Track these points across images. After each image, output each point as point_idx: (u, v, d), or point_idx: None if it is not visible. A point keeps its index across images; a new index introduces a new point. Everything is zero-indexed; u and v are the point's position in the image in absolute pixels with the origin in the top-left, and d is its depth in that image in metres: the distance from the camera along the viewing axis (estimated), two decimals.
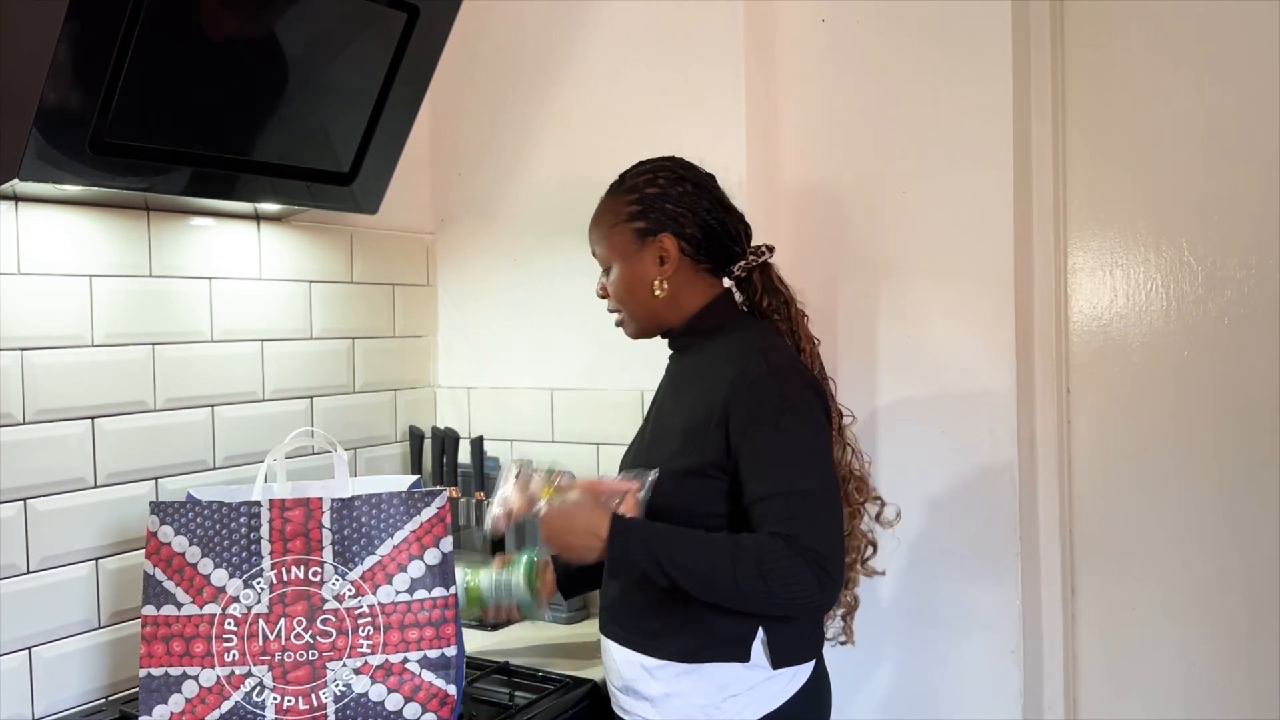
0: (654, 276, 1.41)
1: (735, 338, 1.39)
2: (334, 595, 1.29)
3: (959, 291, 1.81)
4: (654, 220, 1.40)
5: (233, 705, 1.27)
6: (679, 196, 1.41)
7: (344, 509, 1.31)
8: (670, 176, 1.42)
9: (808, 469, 1.28)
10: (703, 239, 1.41)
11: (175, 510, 1.31)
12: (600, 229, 1.46)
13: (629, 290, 1.43)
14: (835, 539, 1.27)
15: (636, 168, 1.47)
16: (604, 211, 1.46)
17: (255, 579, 1.29)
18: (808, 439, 1.30)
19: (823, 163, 1.93)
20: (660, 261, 1.41)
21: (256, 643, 1.28)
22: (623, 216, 1.42)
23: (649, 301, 1.42)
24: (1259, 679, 1.71)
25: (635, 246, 1.41)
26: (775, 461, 1.28)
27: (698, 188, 1.42)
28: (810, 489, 1.27)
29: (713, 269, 1.44)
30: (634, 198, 1.42)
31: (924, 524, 1.85)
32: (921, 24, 1.82)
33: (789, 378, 1.33)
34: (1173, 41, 1.75)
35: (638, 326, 1.47)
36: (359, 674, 1.29)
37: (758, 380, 1.30)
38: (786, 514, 1.25)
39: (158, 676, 1.28)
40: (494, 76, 2.13)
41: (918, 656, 1.87)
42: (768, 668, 1.32)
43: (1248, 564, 1.72)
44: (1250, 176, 1.69)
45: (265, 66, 1.46)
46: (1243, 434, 1.72)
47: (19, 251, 1.46)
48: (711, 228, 1.42)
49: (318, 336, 1.94)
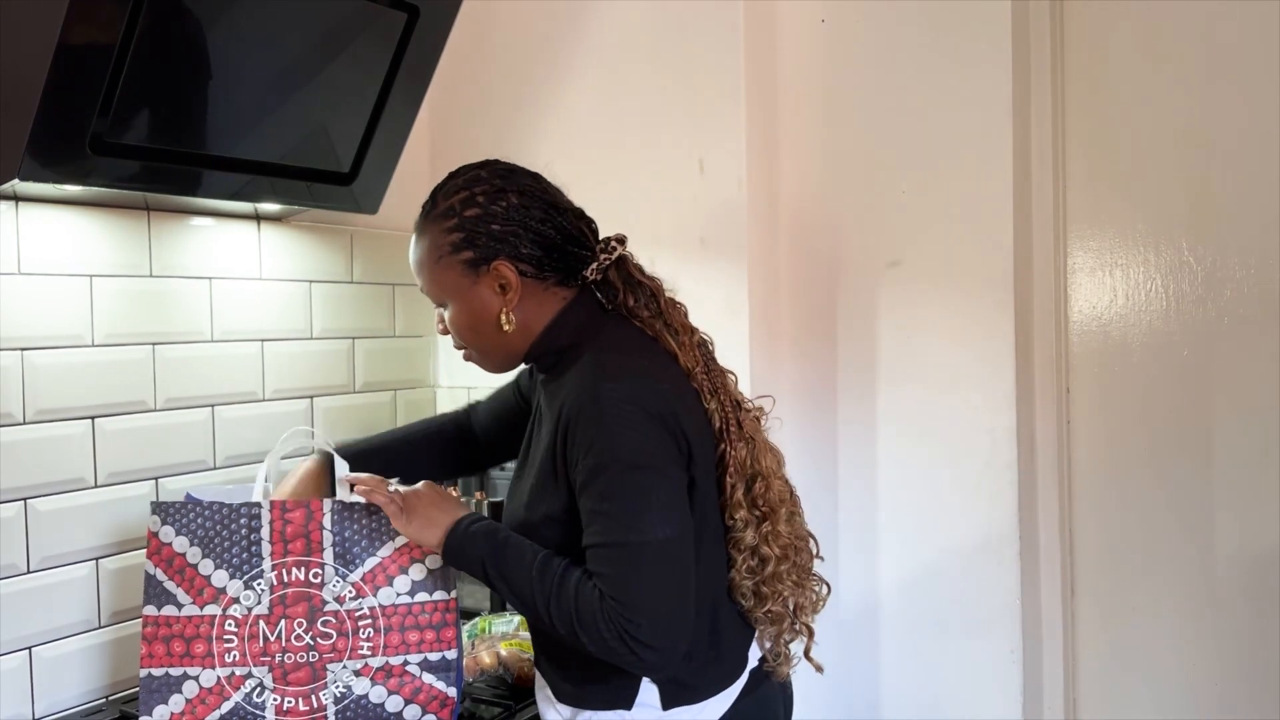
0: (497, 309, 1.23)
1: (581, 361, 1.21)
2: (334, 597, 1.29)
3: (959, 291, 1.81)
4: (482, 247, 1.21)
5: (233, 706, 1.27)
6: (505, 213, 1.21)
7: (345, 511, 1.31)
8: (489, 191, 1.22)
9: (634, 519, 1.12)
10: (543, 255, 1.23)
11: (176, 510, 1.31)
12: (424, 263, 1.26)
13: (473, 329, 1.26)
14: (656, 599, 1.11)
15: (449, 183, 1.26)
16: (424, 247, 1.25)
17: (256, 580, 1.29)
18: (640, 483, 1.13)
19: (822, 163, 1.93)
20: (501, 290, 1.22)
21: (257, 644, 1.28)
22: (445, 249, 1.22)
23: (498, 337, 1.25)
24: (1259, 679, 1.71)
25: (468, 280, 1.23)
26: (600, 511, 1.14)
27: (523, 196, 1.23)
28: (634, 541, 1.11)
29: (562, 279, 1.26)
30: (453, 224, 1.22)
31: (924, 523, 1.85)
32: (921, 24, 1.82)
33: (621, 411, 1.14)
34: (1173, 42, 1.75)
35: (494, 363, 1.30)
36: (359, 675, 1.29)
37: (583, 419, 1.15)
38: (604, 568, 1.12)
39: (158, 677, 1.28)
40: (494, 76, 2.13)
41: (918, 656, 1.87)
42: (656, 708, 1.21)
43: (1248, 564, 1.72)
44: (1250, 176, 1.69)
45: (265, 66, 1.46)
46: (1243, 434, 1.72)
47: (19, 251, 1.46)
48: (549, 239, 1.23)
49: (318, 336, 1.94)
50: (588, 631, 1.12)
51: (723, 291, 1.87)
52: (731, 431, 1.24)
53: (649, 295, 1.28)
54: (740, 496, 1.24)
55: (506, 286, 1.22)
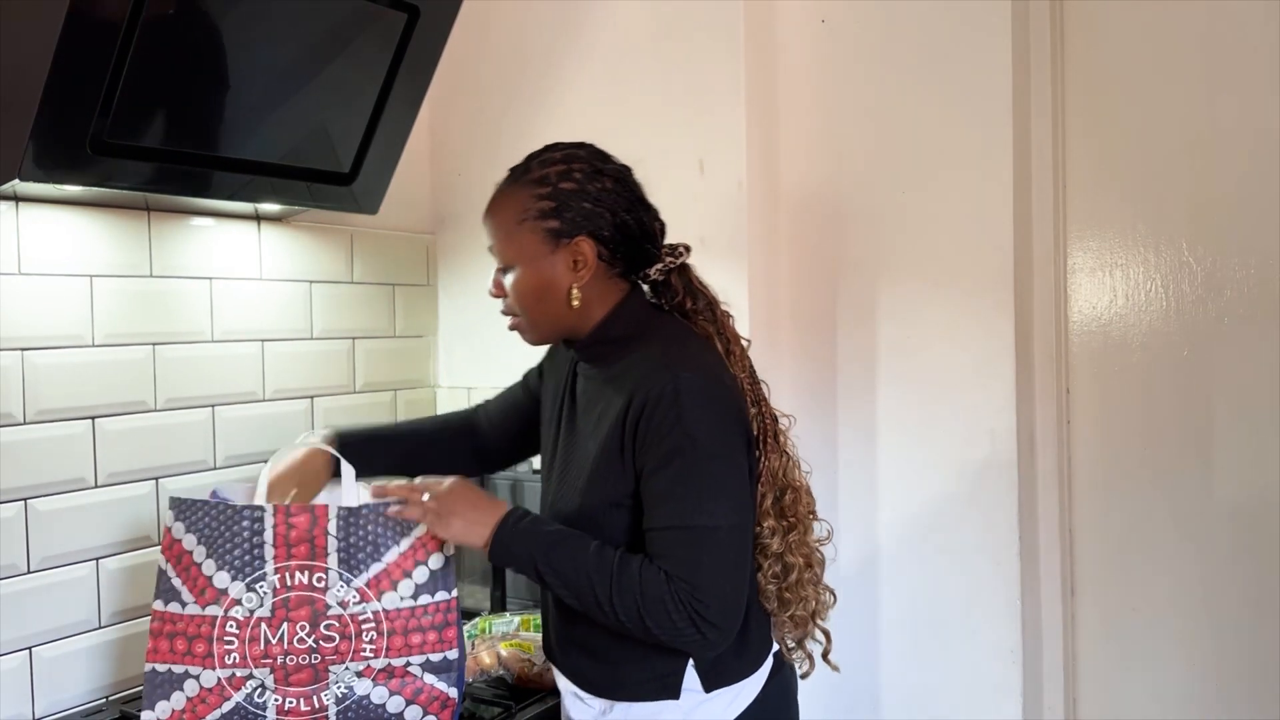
0: (568, 284, 1.25)
1: (647, 352, 1.24)
2: (338, 601, 1.28)
3: (959, 292, 1.81)
4: (569, 221, 1.23)
5: (234, 705, 1.27)
6: (597, 194, 1.24)
7: (351, 518, 1.30)
8: (587, 170, 1.25)
9: (707, 504, 1.16)
10: (621, 242, 1.26)
11: (189, 508, 1.32)
12: (503, 223, 1.27)
13: (536, 297, 1.27)
14: (723, 581, 1.16)
15: (546, 154, 1.28)
16: (508, 203, 1.27)
17: (258, 583, 1.29)
18: (714, 470, 1.18)
19: (822, 163, 1.93)
20: (575, 267, 1.25)
21: (258, 646, 1.28)
22: (532, 213, 1.24)
23: (559, 310, 1.27)
24: (1259, 679, 1.71)
25: (546, 249, 1.24)
26: (673, 495, 1.17)
27: (617, 183, 1.26)
28: (705, 525, 1.16)
29: (624, 271, 1.29)
30: (545, 191, 1.24)
31: (924, 524, 1.85)
32: (921, 24, 1.82)
33: (699, 401, 1.18)
34: (1173, 42, 1.75)
35: (539, 335, 1.32)
36: (361, 677, 1.29)
37: (662, 405, 1.17)
38: (674, 550, 1.16)
39: (162, 672, 1.28)
40: (494, 76, 2.13)
41: (918, 656, 1.87)
42: (700, 691, 1.25)
43: (1248, 564, 1.72)
44: (1250, 177, 1.69)
45: (265, 67, 1.46)
46: (1243, 434, 1.72)
47: (19, 251, 1.46)
48: (630, 229, 1.26)
49: (318, 336, 1.94)
50: (653, 614, 1.15)
51: (723, 291, 1.85)
52: (769, 442, 1.29)
53: (706, 303, 1.33)
54: (769, 506, 1.28)
55: (581, 263, 1.25)
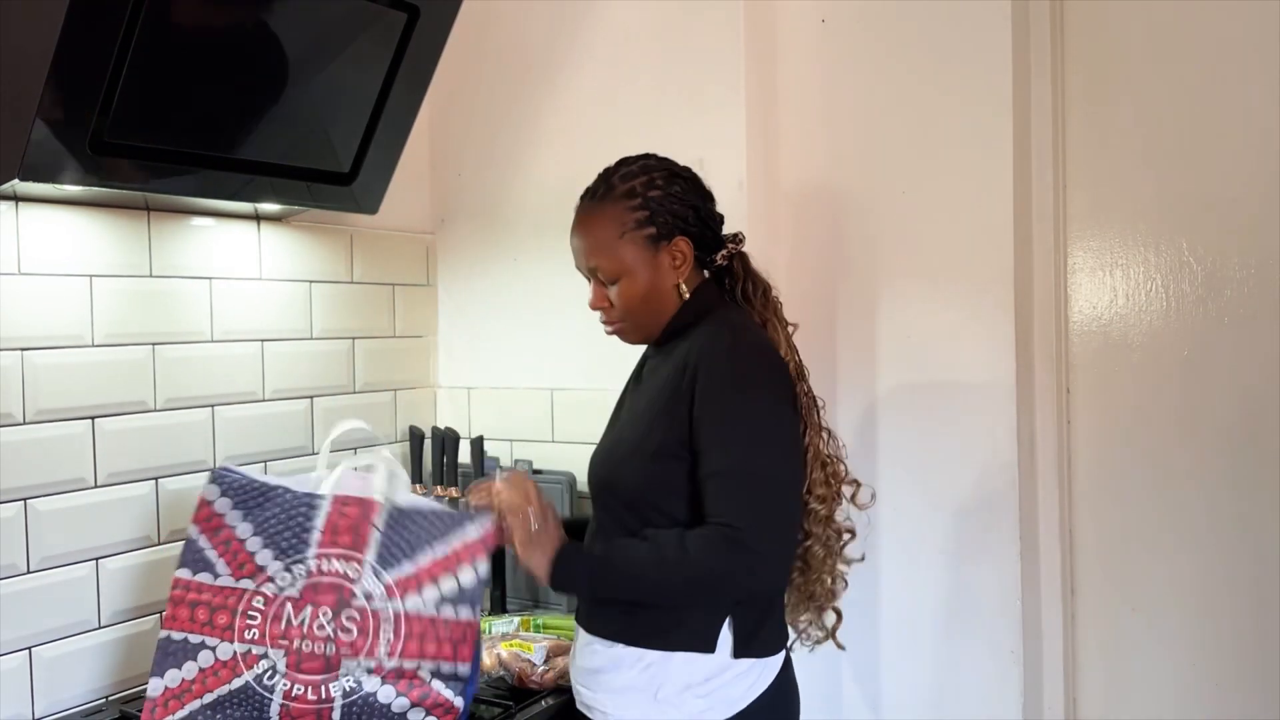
0: (674, 280, 1.37)
1: (706, 325, 1.35)
2: (365, 594, 1.28)
3: (959, 291, 1.81)
4: (664, 224, 1.35)
5: (243, 684, 1.27)
6: (680, 195, 1.37)
7: (400, 515, 1.31)
8: (665, 175, 1.38)
9: (755, 450, 1.25)
10: (704, 234, 1.39)
11: (237, 485, 1.32)
12: (603, 240, 1.37)
13: (645, 300, 1.37)
14: (770, 521, 1.24)
15: (623, 169, 1.39)
16: (603, 220, 1.37)
17: (296, 564, 1.29)
18: (763, 419, 1.27)
19: (823, 163, 1.93)
20: (676, 263, 1.37)
21: (279, 625, 1.27)
22: (630, 224, 1.35)
23: (668, 306, 1.38)
24: (1259, 679, 1.71)
25: (650, 254, 1.36)
26: (724, 439, 1.25)
27: (689, 183, 1.39)
28: (753, 471, 1.24)
29: (704, 259, 1.41)
30: (636, 203, 1.35)
31: (924, 524, 1.85)
32: (921, 24, 1.82)
33: (752, 356, 1.31)
34: (1172, 41, 1.75)
35: (645, 333, 1.42)
36: (371, 674, 1.29)
37: (719, 355, 1.29)
38: (725, 494, 1.23)
39: (177, 641, 1.28)
40: (494, 76, 2.13)
41: (918, 656, 1.87)
42: (728, 657, 1.30)
43: (1248, 564, 1.72)
44: (1250, 176, 1.69)
45: (265, 67, 1.46)
46: (1243, 434, 1.72)
47: (19, 251, 1.46)
48: (708, 222, 1.40)
49: (318, 336, 1.94)
50: (714, 562, 1.22)
51: None
52: (816, 419, 1.40)
53: (762, 289, 1.43)
54: (816, 477, 1.38)
55: (680, 259, 1.36)
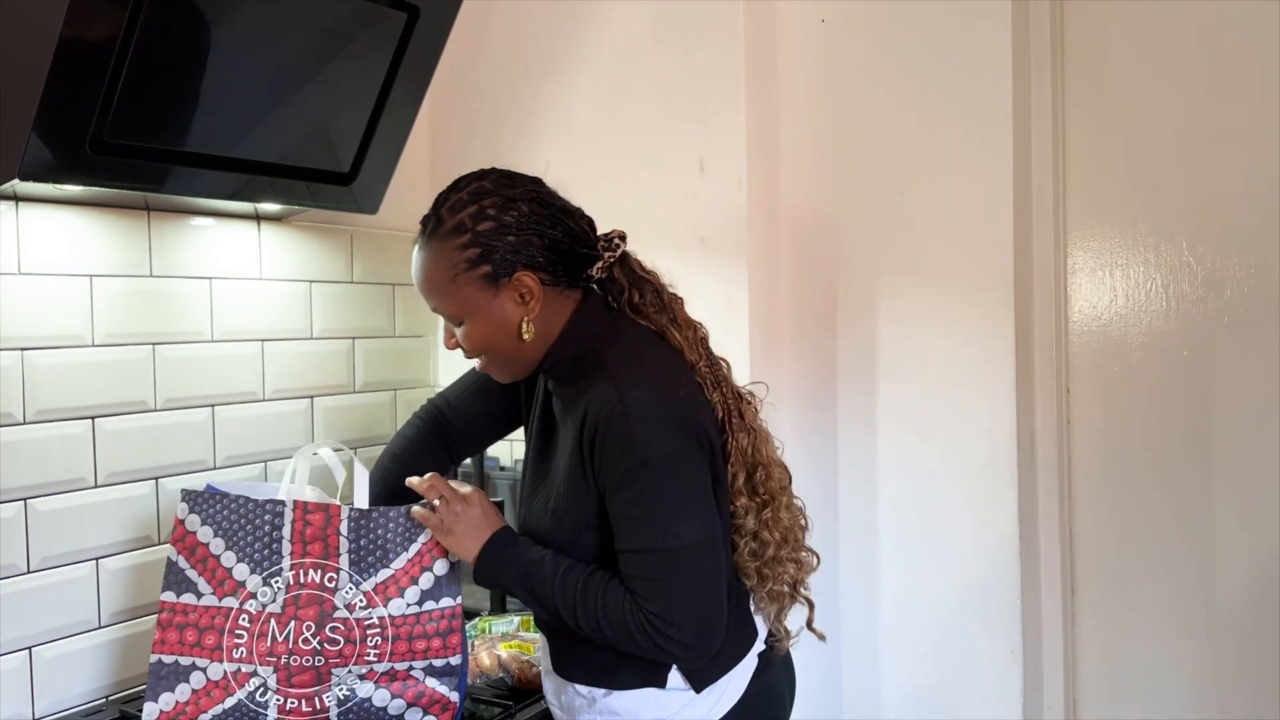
0: (518, 319, 1.22)
1: (600, 368, 1.21)
2: (345, 604, 1.29)
3: (959, 291, 1.81)
4: (500, 261, 1.20)
5: (236, 702, 1.27)
6: (517, 223, 1.20)
7: (362, 519, 1.31)
8: (498, 202, 1.21)
9: (669, 524, 1.15)
10: (556, 260, 1.22)
11: (204, 500, 1.32)
12: (436, 284, 1.23)
13: (491, 341, 1.25)
14: (694, 600, 1.16)
15: (452, 198, 1.23)
16: (434, 262, 1.22)
17: (274, 578, 1.29)
18: (673, 489, 1.17)
19: (822, 162, 1.93)
20: (522, 300, 1.22)
21: (265, 642, 1.28)
22: (461, 265, 1.20)
23: (517, 346, 1.24)
24: (1259, 679, 1.71)
25: (488, 294, 1.21)
26: (634, 517, 1.17)
27: (531, 204, 1.22)
28: (670, 547, 1.15)
29: (571, 281, 1.26)
30: (465, 239, 1.20)
31: (924, 523, 1.85)
32: (921, 24, 1.82)
33: (643, 417, 1.16)
34: (1173, 42, 1.75)
35: (511, 371, 1.30)
36: (364, 679, 1.29)
37: (611, 423, 1.16)
38: (642, 573, 1.16)
39: (168, 664, 1.28)
40: (494, 76, 2.13)
41: (917, 656, 1.87)
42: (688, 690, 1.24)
43: (1248, 564, 1.72)
44: (1250, 176, 1.69)
45: (265, 66, 1.46)
46: (1242, 434, 1.72)
47: (19, 251, 1.46)
48: (560, 243, 1.23)
49: (318, 336, 1.94)
50: (620, 637, 1.17)
51: (723, 291, 1.86)
52: (734, 422, 1.26)
53: (653, 291, 1.30)
54: (741, 484, 1.26)
55: (527, 296, 1.22)
